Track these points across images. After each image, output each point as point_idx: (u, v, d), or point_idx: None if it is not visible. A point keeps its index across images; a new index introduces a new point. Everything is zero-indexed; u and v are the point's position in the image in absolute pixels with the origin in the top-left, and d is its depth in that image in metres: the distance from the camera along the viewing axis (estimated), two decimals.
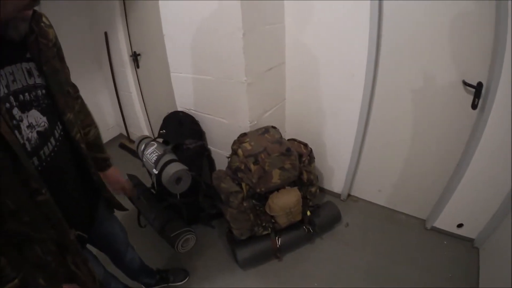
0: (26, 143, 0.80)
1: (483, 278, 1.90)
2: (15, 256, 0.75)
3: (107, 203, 1.37)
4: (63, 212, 0.89)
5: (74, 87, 1.27)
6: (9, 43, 0.77)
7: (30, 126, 0.82)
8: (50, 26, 0.99)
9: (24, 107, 0.81)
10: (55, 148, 0.93)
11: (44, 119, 0.89)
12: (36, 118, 0.85)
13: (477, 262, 2.04)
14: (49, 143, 0.90)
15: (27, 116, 0.82)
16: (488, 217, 2.01)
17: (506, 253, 1.69)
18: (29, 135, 0.82)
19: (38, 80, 0.88)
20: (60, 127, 0.98)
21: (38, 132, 0.85)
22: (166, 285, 2.08)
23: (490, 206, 1.97)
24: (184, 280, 2.13)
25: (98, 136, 1.36)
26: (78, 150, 1.07)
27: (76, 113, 1.12)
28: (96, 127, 1.35)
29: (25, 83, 0.83)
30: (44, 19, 0.95)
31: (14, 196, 0.74)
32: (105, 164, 1.43)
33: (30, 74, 0.85)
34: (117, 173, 1.49)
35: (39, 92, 0.88)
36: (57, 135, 0.95)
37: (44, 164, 0.87)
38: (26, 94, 0.83)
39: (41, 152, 0.86)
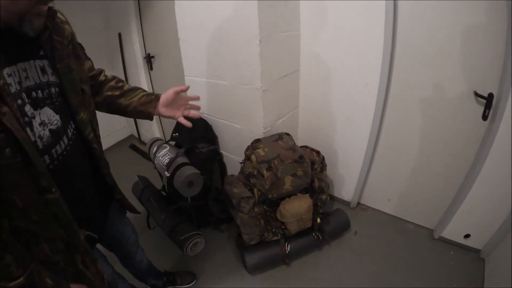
0: (38, 140, 0.80)
1: None
2: (21, 254, 0.75)
3: (119, 205, 1.37)
4: (73, 212, 0.88)
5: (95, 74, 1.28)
6: (23, 40, 0.77)
7: (42, 123, 0.82)
8: (66, 23, 0.97)
9: (37, 104, 0.81)
10: (68, 147, 0.92)
11: (57, 117, 0.88)
12: (48, 116, 0.84)
13: (483, 272, 2.04)
14: (61, 142, 0.89)
15: (39, 113, 0.81)
16: (495, 229, 2.01)
17: (511, 264, 1.70)
18: (41, 132, 0.81)
19: (52, 78, 0.87)
20: (73, 126, 0.96)
21: (50, 130, 0.84)
22: (173, 287, 2.09)
23: (497, 217, 1.97)
24: (191, 283, 2.14)
25: (141, 97, 1.30)
26: (90, 151, 1.05)
27: (92, 112, 1.09)
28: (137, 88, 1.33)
29: (38, 80, 0.82)
30: (59, 15, 0.93)
31: (23, 193, 0.74)
32: (155, 104, 1.31)
33: (43, 71, 0.84)
34: (164, 96, 1.34)
35: (53, 90, 0.87)
36: (70, 134, 0.94)
37: (55, 162, 0.86)
38: (39, 91, 0.82)
39: (53, 150, 0.85)
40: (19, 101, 0.75)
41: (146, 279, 1.94)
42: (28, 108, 0.78)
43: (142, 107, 1.29)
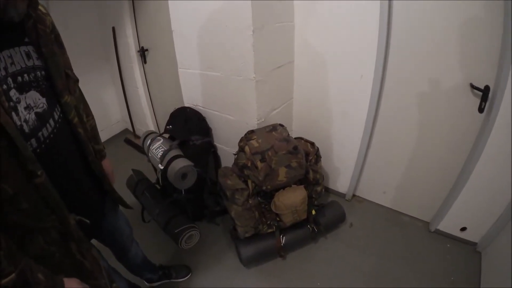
0: (24, 124, 0.80)
1: (484, 282, 1.90)
2: (13, 250, 0.73)
3: (112, 197, 1.36)
4: (64, 197, 0.89)
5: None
6: (7, 27, 0.78)
7: (28, 107, 0.83)
8: (47, 14, 0.99)
9: (23, 89, 0.82)
10: (55, 130, 0.93)
11: (44, 100, 0.89)
12: (34, 99, 0.85)
13: (479, 266, 2.04)
14: (48, 125, 0.90)
15: (25, 97, 0.82)
16: (491, 222, 2.01)
17: (508, 258, 1.69)
18: (26, 116, 0.81)
19: (37, 62, 0.89)
20: (59, 109, 0.98)
21: (36, 113, 0.85)
22: (168, 281, 2.08)
23: (493, 210, 1.97)
24: (187, 276, 2.13)
25: (94, 127, 1.32)
26: (76, 135, 1.06)
27: (77, 97, 1.13)
28: (93, 118, 1.33)
29: (24, 64, 0.84)
30: (40, 7, 0.95)
31: (12, 180, 0.74)
32: (99, 155, 1.38)
33: (28, 56, 0.86)
34: (110, 165, 1.43)
35: (38, 73, 0.89)
36: (56, 117, 0.95)
37: (43, 146, 0.86)
38: (25, 75, 0.83)
39: (40, 133, 0.86)
40: (4, 86, 0.76)
41: (141, 273, 1.93)
42: (13, 93, 0.78)
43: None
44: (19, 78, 0.81)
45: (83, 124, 1.12)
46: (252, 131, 2.08)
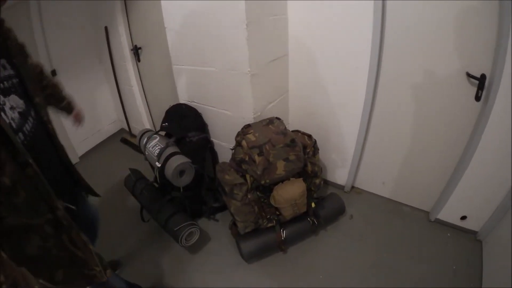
0: (11, 122, 0.96)
1: (486, 271, 1.90)
2: (5, 261, 0.71)
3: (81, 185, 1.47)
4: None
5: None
6: None
7: (12, 108, 0.98)
8: (11, 30, 1.13)
9: (6, 93, 0.97)
10: (34, 125, 1.09)
11: (22, 101, 1.05)
12: (16, 101, 1.01)
13: (481, 254, 2.04)
14: (28, 121, 1.05)
15: (8, 99, 0.98)
16: (491, 210, 2.00)
17: (508, 246, 1.70)
18: (12, 115, 0.97)
19: (11, 72, 1.04)
20: (33, 109, 1.12)
21: (19, 113, 1.01)
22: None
23: (493, 199, 1.97)
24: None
25: (56, 85, 1.59)
26: (48, 131, 1.20)
27: (45, 98, 1.34)
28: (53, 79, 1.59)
29: (2, 74, 0.99)
30: (5, 24, 1.08)
31: (9, 171, 0.83)
32: (69, 109, 1.68)
33: (4, 67, 1.01)
34: (78, 110, 1.74)
35: (14, 80, 1.04)
36: (33, 114, 1.10)
37: (28, 138, 1.02)
38: (5, 82, 0.99)
39: (24, 128, 1.02)
40: None
41: None
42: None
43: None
44: (1, 85, 0.97)
45: (51, 121, 1.26)
46: (248, 125, 2.06)
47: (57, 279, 1.01)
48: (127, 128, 4.24)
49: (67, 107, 1.68)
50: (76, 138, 3.68)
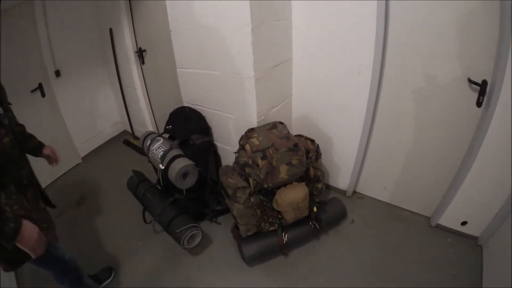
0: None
1: (486, 276, 1.90)
2: None
3: None
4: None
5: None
6: None
7: None
8: None
9: None
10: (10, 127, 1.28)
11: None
12: None
13: (481, 259, 2.04)
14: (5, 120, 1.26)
15: None
16: (492, 216, 2.01)
17: (509, 251, 1.70)
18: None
19: None
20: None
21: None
22: None
23: (493, 204, 1.97)
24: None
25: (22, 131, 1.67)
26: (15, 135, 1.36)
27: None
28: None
29: None
30: None
31: None
32: (39, 149, 1.72)
33: None
34: (50, 149, 1.77)
35: None
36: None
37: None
38: None
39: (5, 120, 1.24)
40: None
41: None
42: None
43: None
44: None
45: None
46: (252, 129, 2.08)
47: None
48: (130, 130, 4.25)
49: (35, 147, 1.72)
50: (79, 139, 3.70)
